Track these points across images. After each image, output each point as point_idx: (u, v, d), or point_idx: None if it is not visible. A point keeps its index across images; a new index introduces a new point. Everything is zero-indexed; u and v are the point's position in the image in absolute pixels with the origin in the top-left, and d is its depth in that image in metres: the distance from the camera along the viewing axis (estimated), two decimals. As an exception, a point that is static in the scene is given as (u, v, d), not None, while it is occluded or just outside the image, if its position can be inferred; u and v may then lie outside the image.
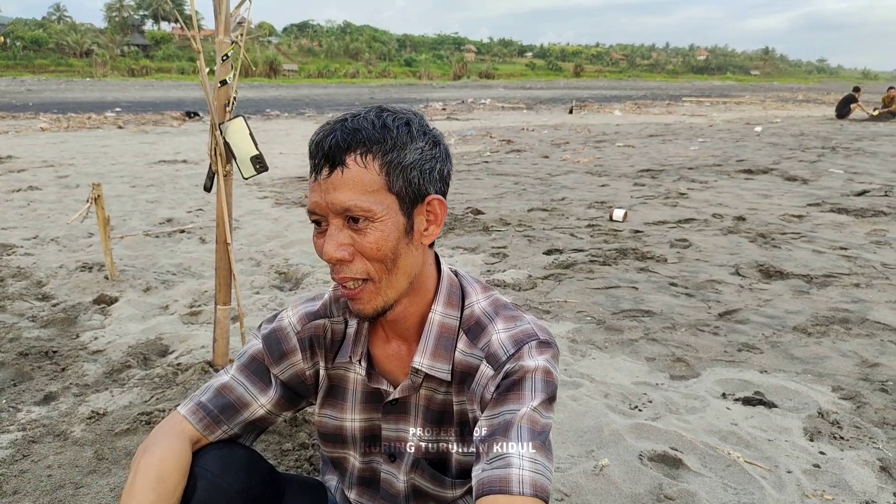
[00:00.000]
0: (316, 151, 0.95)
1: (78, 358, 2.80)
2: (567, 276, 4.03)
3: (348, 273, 0.97)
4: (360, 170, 0.93)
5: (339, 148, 0.93)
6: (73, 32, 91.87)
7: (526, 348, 1.03)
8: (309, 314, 1.18)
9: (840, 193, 6.88)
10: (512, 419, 0.97)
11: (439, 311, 1.09)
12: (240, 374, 1.17)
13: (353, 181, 0.93)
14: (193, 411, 1.14)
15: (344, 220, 0.95)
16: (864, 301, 3.54)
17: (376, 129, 0.95)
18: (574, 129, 15.58)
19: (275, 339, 1.17)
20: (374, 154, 0.94)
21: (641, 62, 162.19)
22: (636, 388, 2.56)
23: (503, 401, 1.00)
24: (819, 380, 2.63)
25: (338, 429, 1.19)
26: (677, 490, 1.89)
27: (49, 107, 23.21)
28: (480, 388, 1.05)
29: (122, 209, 6.06)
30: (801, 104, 30.14)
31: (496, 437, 0.97)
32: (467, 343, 1.08)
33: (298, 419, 2.26)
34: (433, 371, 1.07)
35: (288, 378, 1.17)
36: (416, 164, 0.97)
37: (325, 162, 0.95)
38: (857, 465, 2.03)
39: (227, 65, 2.34)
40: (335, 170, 0.94)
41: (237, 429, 1.16)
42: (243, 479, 1.08)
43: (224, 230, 2.45)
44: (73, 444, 2.14)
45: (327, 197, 0.94)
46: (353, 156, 0.93)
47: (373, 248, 0.95)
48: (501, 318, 1.08)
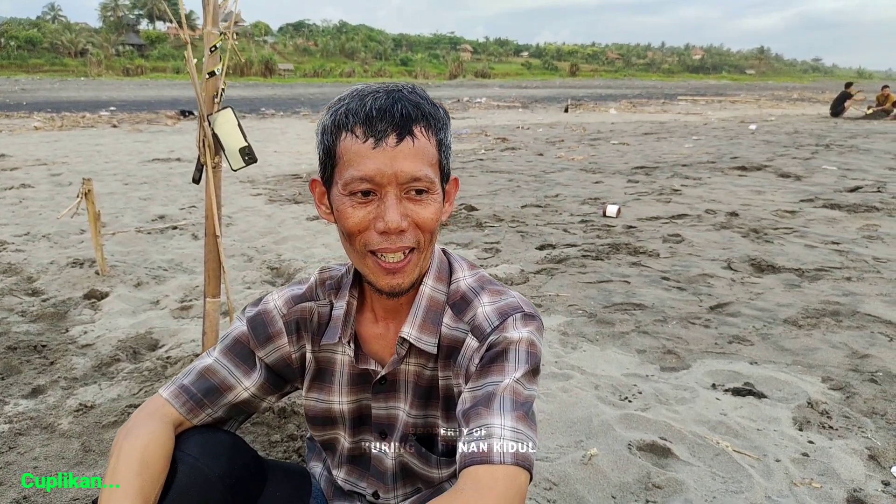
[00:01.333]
0: (380, 117, 0.92)
1: (67, 352, 2.79)
2: (559, 271, 4.03)
3: (403, 242, 0.97)
4: (426, 142, 0.95)
5: (410, 118, 0.93)
6: (68, 32, 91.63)
7: (510, 320, 1.04)
8: (295, 297, 1.18)
9: (833, 189, 6.89)
10: (494, 390, 0.97)
11: (430, 284, 1.10)
12: (223, 357, 1.16)
13: (422, 152, 0.94)
14: (176, 395, 1.12)
15: (403, 191, 0.95)
16: (856, 294, 3.55)
17: (432, 107, 0.97)
18: (569, 128, 15.59)
19: (260, 322, 1.16)
20: (432, 129, 0.96)
21: (637, 61, 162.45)
22: (626, 380, 2.56)
23: (486, 372, 1.00)
24: (809, 371, 2.64)
25: (326, 411, 1.18)
26: (665, 479, 1.89)
27: (43, 106, 23.13)
28: (465, 360, 1.05)
29: (114, 206, 6.04)
30: (795, 103, 30.22)
31: (478, 408, 0.96)
32: (452, 317, 1.09)
33: (287, 411, 2.26)
34: (420, 343, 1.07)
35: (273, 361, 1.17)
36: (450, 144, 1.01)
37: (392, 129, 0.92)
38: (846, 454, 2.03)
39: (216, 56, 2.33)
40: (405, 139, 0.92)
41: (221, 412, 1.15)
42: (225, 464, 1.06)
43: (213, 222, 2.44)
44: (60, 436, 2.13)
45: (395, 165, 0.92)
46: (419, 127, 0.94)
47: (431, 220, 0.97)
48: (487, 293, 1.09)
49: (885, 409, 2.31)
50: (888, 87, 18.43)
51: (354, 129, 0.93)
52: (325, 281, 1.18)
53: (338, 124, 0.95)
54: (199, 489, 1.02)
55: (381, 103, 0.93)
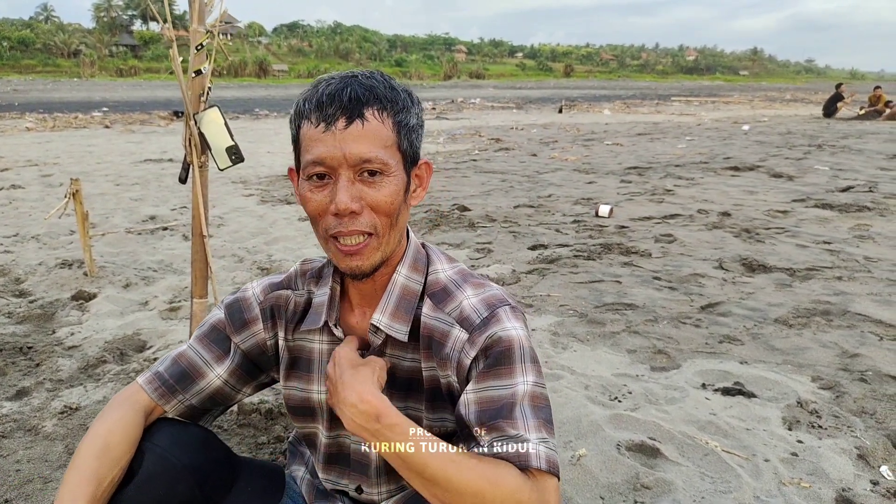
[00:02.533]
0: (329, 102, 0.94)
1: (53, 353, 2.76)
2: (551, 271, 4.02)
3: (356, 226, 0.97)
4: (378, 124, 0.95)
5: (359, 101, 0.94)
6: (61, 32, 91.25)
7: (501, 312, 1.04)
8: (272, 285, 1.20)
9: (825, 189, 6.91)
10: (512, 398, 0.98)
11: (403, 273, 1.10)
12: (197, 344, 1.18)
13: (373, 134, 0.95)
14: (150, 381, 1.15)
15: (356, 174, 0.95)
16: (846, 293, 3.55)
17: (388, 89, 0.98)
18: (563, 128, 15.61)
19: (237, 308, 1.19)
20: (388, 112, 0.97)
21: (631, 62, 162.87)
22: (616, 380, 2.55)
23: (495, 374, 1.00)
24: (799, 370, 2.63)
25: (305, 401, 1.19)
26: (654, 479, 1.88)
27: (35, 106, 23.02)
28: (456, 352, 1.04)
29: (105, 207, 6.01)
30: (788, 103, 30.33)
31: (500, 420, 0.96)
32: (432, 307, 1.08)
33: (273, 412, 2.24)
34: (391, 330, 1.07)
35: (249, 348, 1.18)
36: (415, 127, 1.01)
37: (341, 113, 0.93)
38: (835, 454, 2.03)
39: (202, 55, 2.31)
40: (354, 122, 0.94)
41: (194, 400, 1.16)
42: (193, 456, 1.07)
43: (200, 222, 2.42)
44: (44, 438, 2.10)
45: (345, 147, 0.93)
46: (371, 110, 0.95)
47: (387, 202, 0.97)
48: (470, 285, 1.10)
49: (874, 409, 2.31)
50: (880, 88, 18.58)
51: (310, 116, 0.96)
52: (305, 272, 1.20)
53: (298, 112, 0.99)
54: (166, 478, 1.03)
55: (332, 89, 0.95)
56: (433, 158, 9.81)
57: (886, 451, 2.05)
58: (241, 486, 1.19)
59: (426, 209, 5.80)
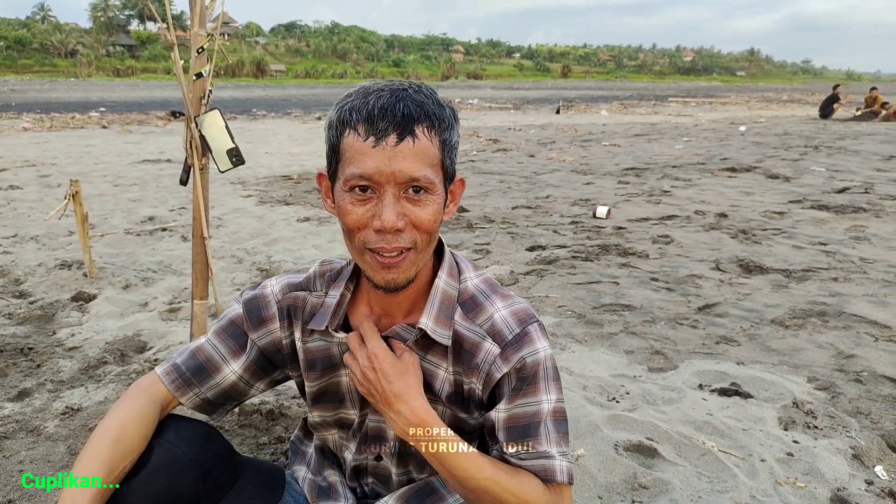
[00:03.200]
0: (382, 116, 0.92)
1: (54, 354, 2.77)
2: (549, 272, 4.04)
3: (399, 243, 0.97)
4: (427, 142, 0.95)
5: (412, 118, 0.93)
6: (58, 32, 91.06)
7: (532, 330, 1.08)
8: (291, 285, 1.21)
9: (821, 191, 6.94)
10: (538, 416, 1.06)
11: (444, 279, 1.12)
12: (215, 338, 1.20)
13: (423, 152, 0.94)
14: (167, 372, 1.18)
15: (401, 190, 0.95)
16: (842, 294, 3.58)
17: (436, 106, 0.97)
18: (561, 129, 15.63)
19: (255, 306, 1.20)
20: (436, 130, 0.96)
21: (628, 63, 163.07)
22: (614, 381, 2.57)
23: (522, 393, 1.07)
24: (795, 371, 2.66)
25: (334, 385, 1.21)
26: (651, 479, 1.90)
27: (32, 107, 22.97)
28: (487, 364, 1.08)
29: (103, 208, 6.01)
30: (785, 104, 30.41)
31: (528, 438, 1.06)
32: (462, 316, 1.11)
33: (275, 413, 2.26)
34: (436, 335, 1.09)
35: (265, 345, 1.20)
36: (455, 144, 1.02)
37: (393, 129, 0.92)
38: (830, 454, 2.05)
39: (203, 57, 2.33)
40: (405, 139, 0.93)
41: (209, 394, 1.19)
42: (198, 450, 1.10)
43: (200, 224, 2.43)
44: (46, 439, 2.12)
45: (394, 164, 0.92)
46: (421, 127, 0.94)
47: (430, 220, 0.98)
48: (498, 297, 1.13)
49: (869, 409, 2.33)
50: (876, 89, 18.64)
51: (357, 127, 0.94)
52: (324, 273, 1.21)
53: (342, 121, 0.96)
54: (171, 470, 1.06)
55: (383, 102, 0.93)
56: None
57: (881, 451, 2.07)
58: (243, 484, 1.21)
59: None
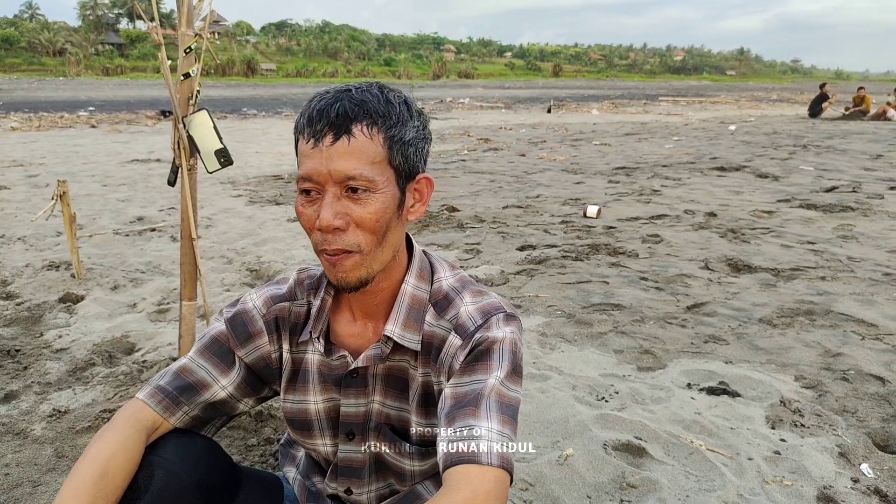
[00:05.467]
0: (319, 118, 0.95)
1: (41, 356, 2.76)
2: (539, 272, 4.05)
3: (340, 244, 0.97)
4: (366, 140, 0.95)
5: (347, 117, 0.94)
6: (46, 31, 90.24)
7: (494, 319, 1.06)
8: (274, 297, 1.19)
9: (810, 190, 6.99)
10: (480, 391, 0.99)
11: (412, 283, 1.11)
12: (199, 357, 1.16)
13: (359, 150, 0.94)
14: (152, 394, 1.13)
15: (342, 190, 0.96)
16: (830, 293, 3.61)
17: (381, 104, 0.97)
18: (552, 128, 15.66)
19: (240, 322, 1.17)
20: (379, 127, 0.96)
21: (619, 62, 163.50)
22: (603, 380, 2.58)
23: (470, 370, 1.02)
24: (782, 369, 2.67)
25: (302, 412, 1.19)
26: (640, 478, 1.90)
27: (20, 106, 22.77)
28: (449, 357, 1.06)
29: (92, 208, 5.97)
30: (774, 104, 30.58)
31: (465, 408, 0.97)
32: (434, 315, 1.10)
33: (264, 414, 2.25)
34: (404, 340, 1.08)
35: (254, 361, 1.17)
36: (412, 141, 1.00)
37: (329, 129, 0.94)
38: (817, 452, 2.07)
39: (191, 58, 2.31)
40: (341, 138, 0.94)
41: (198, 410, 1.15)
42: (202, 470, 1.07)
43: (188, 225, 2.42)
44: (33, 442, 2.10)
45: (330, 164, 0.94)
46: (359, 126, 0.94)
47: (371, 219, 0.97)
48: (468, 292, 1.11)
49: (855, 407, 2.35)
50: (864, 89, 18.79)
51: (304, 131, 0.97)
52: (303, 281, 1.19)
53: (296, 126, 1.00)
54: (174, 494, 1.02)
55: (323, 104, 0.96)
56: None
57: (867, 449, 2.09)
58: (244, 497, 1.19)
59: (415, 210, 5.77)
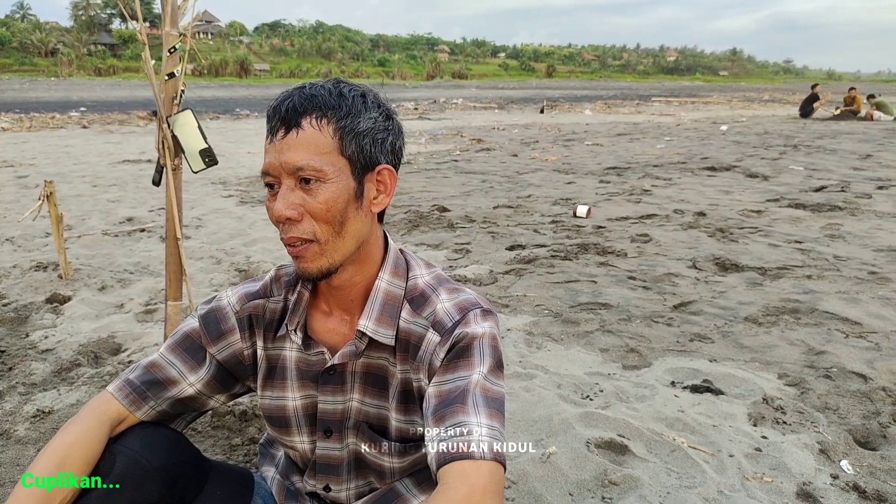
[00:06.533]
0: (273, 114, 0.99)
1: (26, 357, 2.75)
2: (528, 271, 4.06)
3: (296, 233, 0.99)
4: (314, 132, 0.97)
5: (296, 111, 0.97)
6: (38, 31, 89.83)
7: (471, 315, 1.07)
8: (248, 294, 1.20)
9: (799, 189, 7.03)
10: (465, 388, 0.99)
11: (386, 279, 1.12)
12: (170, 353, 1.17)
13: (307, 142, 0.97)
14: (120, 388, 1.14)
15: (296, 181, 0.98)
16: (815, 292, 3.63)
17: (332, 97, 1.00)
18: (544, 129, 15.69)
19: (213, 319, 1.18)
20: (328, 118, 0.98)
21: (612, 63, 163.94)
22: (588, 379, 2.59)
23: (453, 367, 1.03)
24: (766, 367, 2.69)
25: (280, 409, 1.19)
26: (621, 475, 1.92)
27: (11, 106, 22.67)
28: (428, 355, 1.07)
29: (81, 209, 5.95)
30: (766, 104, 30.72)
31: (453, 406, 0.98)
32: (410, 312, 1.11)
33: (248, 414, 2.26)
34: (377, 335, 1.09)
35: (225, 358, 1.18)
36: (368, 132, 1.01)
37: (281, 124, 0.98)
38: (798, 449, 2.08)
39: (175, 57, 2.32)
40: (290, 131, 0.97)
41: (165, 405, 1.16)
42: (163, 458, 1.08)
43: (174, 225, 2.42)
44: (16, 442, 2.10)
45: (281, 157, 0.97)
46: (308, 119, 0.97)
47: (322, 209, 0.98)
48: (445, 290, 1.12)
49: (837, 404, 2.37)
50: (855, 89, 18.90)
51: (267, 129, 1.02)
52: (280, 277, 1.20)
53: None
54: (136, 479, 1.04)
55: (278, 101, 1.00)
56: (414, 159, 9.83)
57: (847, 446, 2.11)
58: (211, 489, 1.19)
59: (405, 210, 5.82)
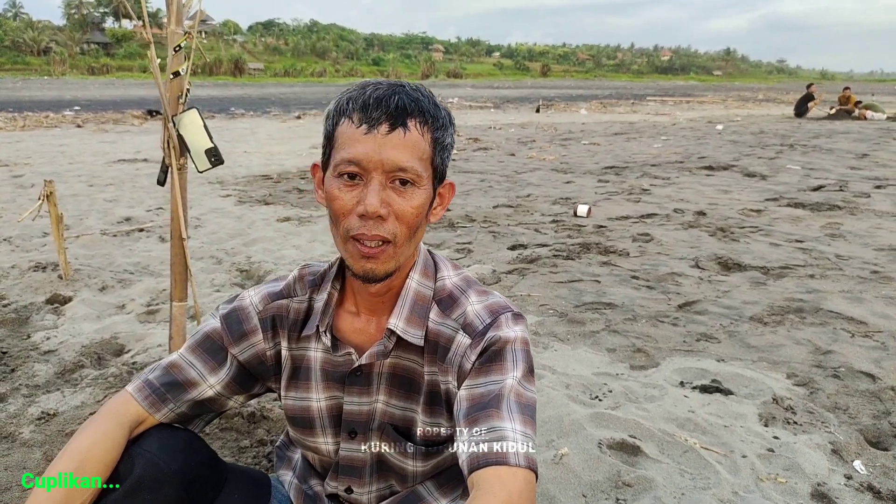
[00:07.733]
0: (376, 106, 0.96)
1: (28, 359, 2.72)
2: (531, 271, 4.05)
3: (379, 231, 0.98)
4: (419, 136, 0.98)
5: (405, 110, 0.96)
6: (30, 30, 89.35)
7: (503, 318, 1.07)
8: (272, 294, 1.19)
9: (797, 189, 7.04)
10: (499, 393, 0.99)
11: (416, 279, 1.11)
12: (190, 354, 1.16)
13: (413, 144, 0.97)
14: (139, 388, 1.13)
15: (388, 180, 0.97)
16: (819, 291, 3.63)
17: (431, 105, 1.00)
18: (541, 128, 15.69)
19: (235, 319, 1.17)
20: (429, 126, 0.99)
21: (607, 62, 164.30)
22: (597, 379, 2.58)
23: (486, 371, 1.02)
24: (774, 367, 2.69)
25: (305, 410, 1.18)
26: (635, 476, 1.90)
27: (4, 105, 22.51)
28: (458, 357, 1.06)
29: (79, 208, 5.91)
30: (761, 103, 30.82)
31: (486, 410, 0.98)
32: (439, 313, 1.10)
33: (256, 416, 2.23)
34: (407, 335, 1.08)
35: (247, 358, 1.17)
36: (448, 146, 1.04)
37: (386, 118, 0.95)
38: (810, 449, 2.07)
39: (180, 56, 2.29)
40: (397, 129, 0.96)
41: (184, 407, 1.15)
42: (181, 460, 1.07)
43: (179, 225, 2.40)
44: (22, 445, 2.07)
45: (383, 152, 0.95)
46: (414, 121, 0.97)
47: (413, 213, 0.99)
48: (474, 292, 1.12)
49: (847, 404, 2.37)
50: (849, 89, 19.00)
51: (352, 115, 0.97)
52: (304, 277, 1.19)
53: (339, 110, 1.00)
54: (154, 482, 1.03)
55: (380, 94, 0.97)
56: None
57: (859, 446, 2.10)
58: (229, 492, 1.18)
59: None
